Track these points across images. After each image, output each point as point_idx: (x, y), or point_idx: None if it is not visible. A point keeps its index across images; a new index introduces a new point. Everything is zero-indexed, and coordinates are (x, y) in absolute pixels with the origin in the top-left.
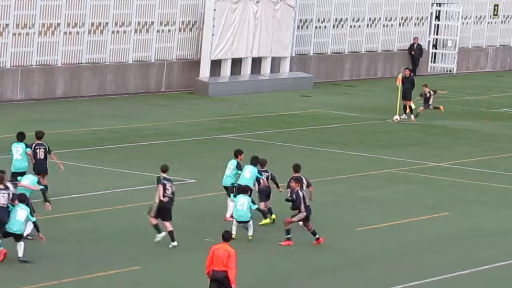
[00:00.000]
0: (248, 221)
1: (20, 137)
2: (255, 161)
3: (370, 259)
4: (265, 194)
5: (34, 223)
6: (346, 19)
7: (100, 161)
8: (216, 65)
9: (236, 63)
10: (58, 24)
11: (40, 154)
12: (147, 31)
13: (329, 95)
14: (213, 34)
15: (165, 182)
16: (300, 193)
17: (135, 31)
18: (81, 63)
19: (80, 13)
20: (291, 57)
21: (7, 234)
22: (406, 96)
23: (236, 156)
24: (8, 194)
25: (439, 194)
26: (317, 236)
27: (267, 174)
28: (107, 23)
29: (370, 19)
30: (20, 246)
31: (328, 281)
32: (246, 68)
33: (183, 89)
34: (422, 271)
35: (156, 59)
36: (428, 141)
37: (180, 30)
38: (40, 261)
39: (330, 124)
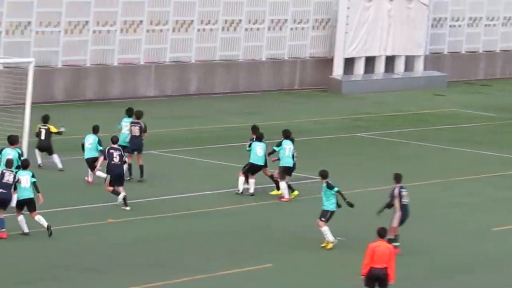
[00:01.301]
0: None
1: (129, 112)
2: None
3: (508, 259)
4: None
5: (34, 183)
6: (481, 17)
7: (232, 158)
8: (349, 63)
9: (369, 61)
10: (192, 21)
11: (135, 131)
12: (281, 28)
13: (463, 94)
14: (346, 32)
15: (112, 151)
16: (396, 191)
17: (269, 28)
18: (215, 60)
19: (214, 10)
20: (425, 55)
21: (21, 205)
22: None
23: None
24: (14, 175)
25: None
26: (398, 243)
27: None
28: (240, 20)
29: (505, 17)
30: (39, 219)
31: (469, 281)
32: (380, 66)
33: (316, 87)
34: None
35: (289, 56)
36: None
37: (313, 27)
38: (173, 257)
39: (464, 123)
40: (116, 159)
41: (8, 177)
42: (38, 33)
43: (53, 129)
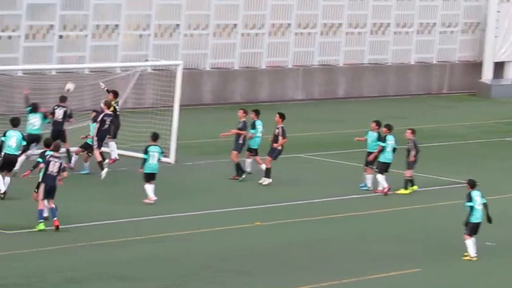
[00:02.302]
0: None
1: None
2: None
3: None
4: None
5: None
6: None
7: None
8: (499, 67)
9: None
10: (340, 24)
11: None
12: (429, 32)
13: None
14: (496, 36)
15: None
16: None
17: (417, 32)
18: (363, 63)
19: (360, 13)
20: None
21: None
22: None
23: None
24: (60, 163)
25: None
26: None
27: None
28: (388, 24)
29: None
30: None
31: None
32: None
33: (464, 91)
34: None
35: (438, 60)
36: None
37: (462, 31)
38: (319, 261)
39: None
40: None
41: (53, 168)
42: (186, 35)
43: None
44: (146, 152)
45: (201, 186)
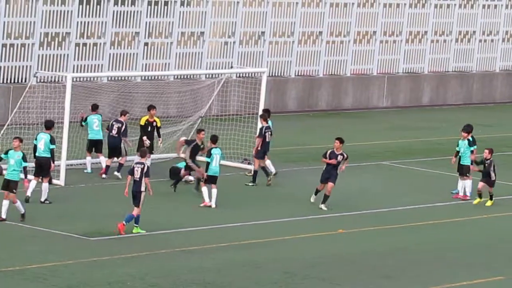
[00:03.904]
0: None
1: None
2: None
3: None
4: None
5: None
6: None
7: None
8: None
9: None
10: (425, 32)
11: None
12: None
13: None
14: None
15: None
16: None
17: (502, 40)
18: (448, 71)
19: (447, 21)
20: None
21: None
22: None
23: None
24: (142, 168)
25: None
26: None
27: None
28: (474, 32)
29: None
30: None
31: None
32: None
33: None
34: None
35: None
36: None
37: None
38: (404, 269)
39: None
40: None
41: (136, 172)
42: (271, 43)
43: None
44: (209, 155)
45: (285, 193)
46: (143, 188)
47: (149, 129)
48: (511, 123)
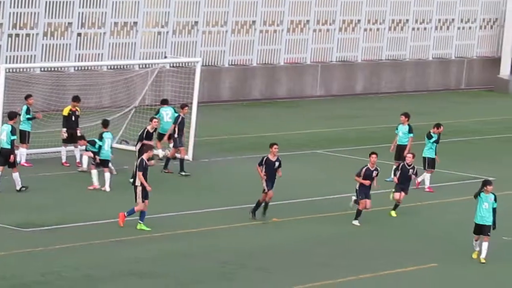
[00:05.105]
0: None
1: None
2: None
3: None
4: None
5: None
6: None
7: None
8: None
9: None
10: (359, 21)
11: None
12: (448, 28)
13: None
14: None
15: None
16: None
17: (435, 28)
18: (381, 60)
19: (380, 10)
20: None
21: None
22: None
23: None
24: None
25: None
26: None
27: None
28: (407, 20)
29: None
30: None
31: None
32: None
33: (483, 86)
34: None
35: (456, 56)
36: None
37: (480, 27)
38: (336, 257)
39: None
40: None
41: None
42: (205, 32)
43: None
44: (101, 138)
45: (218, 183)
46: (138, 183)
47: (72, 119)
48: (444, 111)
